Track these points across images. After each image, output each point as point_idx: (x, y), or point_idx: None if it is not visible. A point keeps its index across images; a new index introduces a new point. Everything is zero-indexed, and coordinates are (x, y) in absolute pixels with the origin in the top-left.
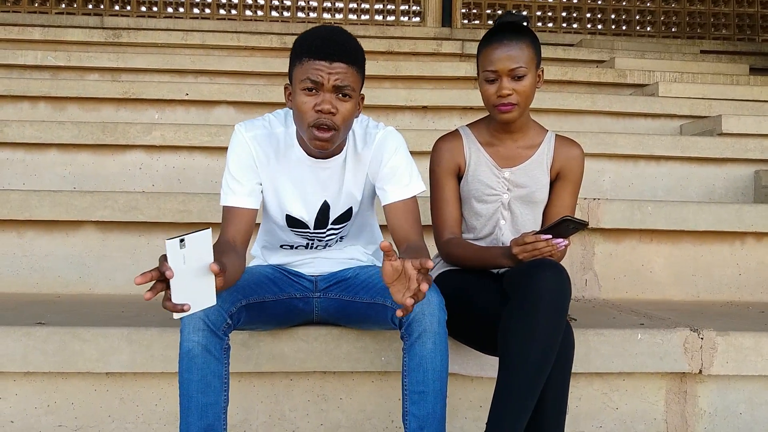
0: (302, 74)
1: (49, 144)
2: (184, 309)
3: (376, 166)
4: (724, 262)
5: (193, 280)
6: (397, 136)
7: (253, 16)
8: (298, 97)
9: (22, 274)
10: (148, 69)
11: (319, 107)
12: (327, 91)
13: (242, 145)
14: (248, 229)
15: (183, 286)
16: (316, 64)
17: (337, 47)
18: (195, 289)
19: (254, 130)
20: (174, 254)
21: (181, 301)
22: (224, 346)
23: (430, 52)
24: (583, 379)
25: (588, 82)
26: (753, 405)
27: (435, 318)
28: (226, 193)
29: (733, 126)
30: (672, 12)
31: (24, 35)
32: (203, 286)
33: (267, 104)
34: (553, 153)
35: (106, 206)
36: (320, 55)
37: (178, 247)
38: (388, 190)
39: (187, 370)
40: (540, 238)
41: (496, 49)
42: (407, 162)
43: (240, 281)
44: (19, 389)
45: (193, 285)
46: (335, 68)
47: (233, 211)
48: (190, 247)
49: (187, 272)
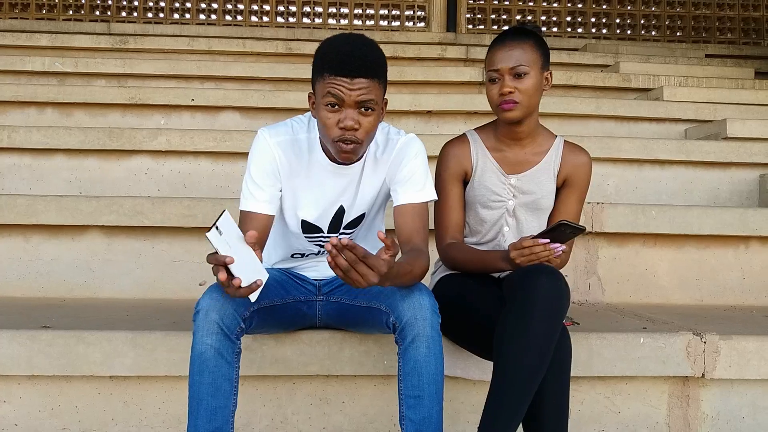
0: (324, 90)
1: (55, 149)
2: (257, 284)
3: (394, 169)
4: (729, 266)
5: (244, 259)
6: (419, 143)
7: (258, 22)
8: (322, 111)
9: (27, 279)
10: (154, 75)
11: (342, 124)
12: (349, 107)
13: (266, 150)
14: (264, 236)
15: (241, 268)
16: (337, 80)
17: (357, 62)
18: (250, 267)
19: (278, 137)
20: (218, 243)
21: (248, 281)
22: (236, 350)
23: (435, 57)
24: (585, 383)
25: (593, 87)
26: (756, 409)
27: (428, 322)
28: (246, 197)
29: (738, 130)
30: (677, 16)
31: (32, 42)
32: (252, 262)
33: (273, 110)
34: (561, 160)
35: (112, 211)
36: (341, 71)
37: (219, 234)
38: (401, 192)
39: (198, 373)
40: (538, 242)
41: (499, 50)
42: (424, 168)
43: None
44: (23, 392)
45: (246, 263)
46: (356, 84)
47: (252, 216)
48: (225, 231)
49: (237, 253)
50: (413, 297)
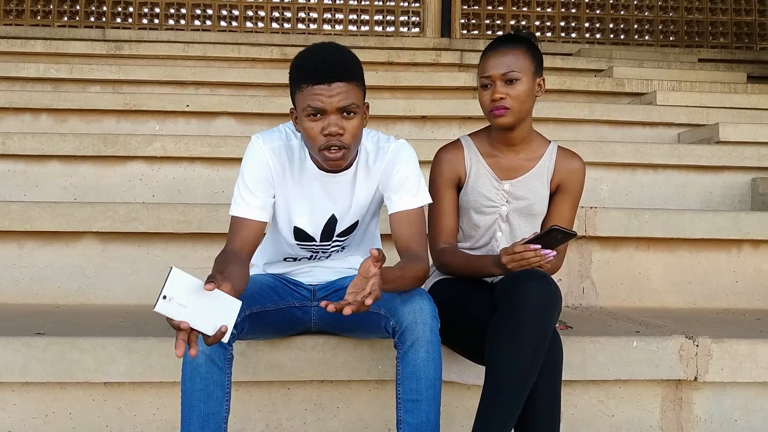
0: (303, 101)
1: (50, 156)
2: (222, 331)
3: (387, 176)
4: (721, 269)
5: (207, 309)
6: (410, 148)
7: (253, 28)
8: (305, 123)
9: (22, 285)
10: (149, 81)
11: (327, 131)
12: (331, 114)
13: (260, 157)
14: (255, 242)
15: (204, 319)
16: (315, 90)
17: (332, 68)
18: (216, 311)
19: (272, 143)
20: (170, 311)
21: (213, 330)
22: (228, 356)
23: (430, 62)
24: (578, 387)
25: (586, 91)
26: (748, 412)
27: (428, 327)
28: (238, 203)
29: (730, 134)
30: (670, 21)
31: (26, 48)
32: (217, 306)
33: (267, 115)
34: (554, 165)
35: (106, 217)
36: (317, 79)
37: (168, 303)
38: (395, 199)
39: (190, 379)
40: (529, 248)
41: (491, 56)
42: (417, 174)
43: (245, 291)
44: (17, 399)
45: (211, 311)
46: (335, 89)
47: (243, 222)
48: (175, 293)
49: (196, 309)
50: (413, 301)
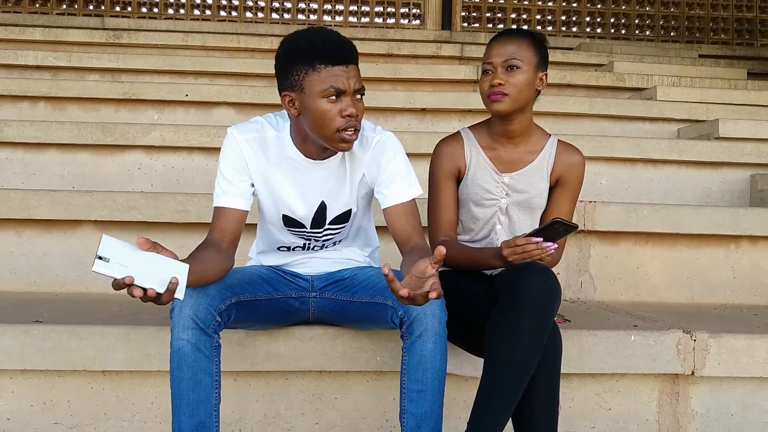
0: (321, 83)
1: (48, 144)
2: (173, 283)
3: (375, 171)
4: (719, 265)
5: (148, 267)
6: (395, 141)
7: (253, 18)
8: (319, 104)
9: (20, 273)
10: (148, 70)
11: (347, 112)
12: (349, 95)
13: (234, 147)
14: (236, 230)
15: (150, 276)
16: (336, 71)
17: (347, 49)
18: (159, 271)
19: (246, 134)
20: (110, 270)
21: (164, 285)
22: (214, 344)
23: (430, 54)
24: (576, 380)
25: (587, 86)
26: (745, 406)
27: (436, 318)
28: (218, 194)
29: (730, 130)
30: (671, 16)
31: (25, 35)
32: (160, 265)
33: (267, 105)
34: (554, 159)
35: (105, 206)
36: (337, 60)
37: (106, 262)
38: (388, 194)
39: (177, 368)
40: (530, 240)
41: (496, 44)
42: (406, 166)
43: (230, 280)
44: (15, 387)
45: (152, 269)
46: (352, 71)
47: (223, 211)
48: (111, 254)
49: (138, 269)
50: None
